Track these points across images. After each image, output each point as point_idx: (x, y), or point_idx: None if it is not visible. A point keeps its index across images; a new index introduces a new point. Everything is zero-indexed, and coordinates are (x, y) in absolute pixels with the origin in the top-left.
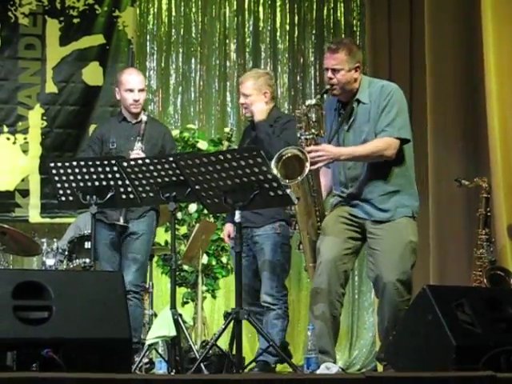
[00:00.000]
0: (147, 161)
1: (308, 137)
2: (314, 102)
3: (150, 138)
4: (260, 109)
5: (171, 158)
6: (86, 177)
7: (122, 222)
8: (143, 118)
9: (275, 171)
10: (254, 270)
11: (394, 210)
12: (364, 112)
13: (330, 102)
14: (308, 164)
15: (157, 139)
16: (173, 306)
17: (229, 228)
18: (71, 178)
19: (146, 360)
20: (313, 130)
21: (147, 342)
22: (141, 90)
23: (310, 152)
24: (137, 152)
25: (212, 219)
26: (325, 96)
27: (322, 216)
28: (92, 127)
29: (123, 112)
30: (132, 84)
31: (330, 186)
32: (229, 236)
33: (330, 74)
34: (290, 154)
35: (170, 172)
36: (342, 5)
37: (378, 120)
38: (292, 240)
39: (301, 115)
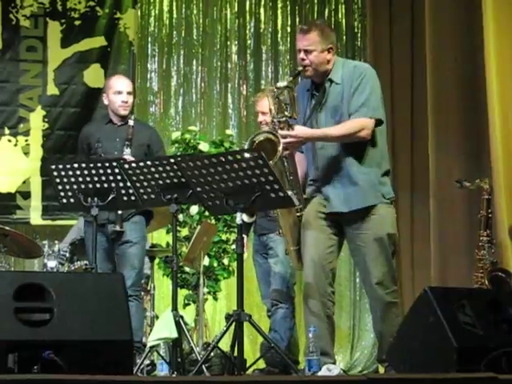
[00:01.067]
0: (148, 163)
1: (281, 119)
2: (285, 83)
3: (135, 140)
4: None
5: (172, 160)
6: (88, 179)
7: (118, 228)
8: (130, 122)
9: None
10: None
11: (367, 193)
12: (337, 92)
13: (304, 84)
14: (281, 147)
15: (142, 140)
16: (174, 308)
17: None
18: (72, 180)
19: (147, 362)
20: (286, 113)
21: (149, 344)
22: (129, 93)
23: (283, 136)
24: (127, 158)
25: (213, 221)
26: (298, 79)
27: (300, 199)
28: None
29: (110, 115)
30: (121, 86)
31: (306, 169)
32: None
33: (302, 54)
34: (262, 138)
35: (172, 174)
36: (344, 6)
37: (351, 100)
38: None
39: (272, 98)
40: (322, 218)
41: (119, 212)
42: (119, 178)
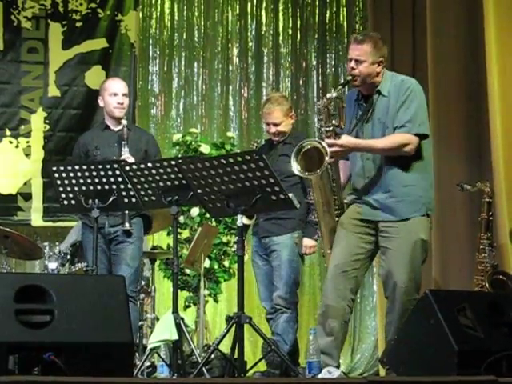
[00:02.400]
0: (149, 165)
1: (328, 129)
2: (335, 94)
3: (132, 144)
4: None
5: (173, 162)
6: (88, 181)
7: (127, 226)
8: (123, 122)
9: (295, 163)
10: (270, 280)
11: (405, 207)
12: (383, 104)
13: (351, 94)
14: (327, 157)
15: (140, 145)
16: (175, 310)
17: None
18: (73, 181)
19: (147, 364)
20: (333, 122)
21: (149, 346)
22: (124, 95)
23: (329, 145)
24: (127, 156)
25: (214, 223)
26: (346, 88)
27: (340, 205)
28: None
29: (106, 120)
30: (116, 88)
31: (348, 175)
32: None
33: (352, 64)
34: (309, 146)
35: (173, 176)
36: (345, 9)
37: (396, 114)
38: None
39: (321, 107)
40: (356, 225)
41: (126, 212)
42: (120, 179)
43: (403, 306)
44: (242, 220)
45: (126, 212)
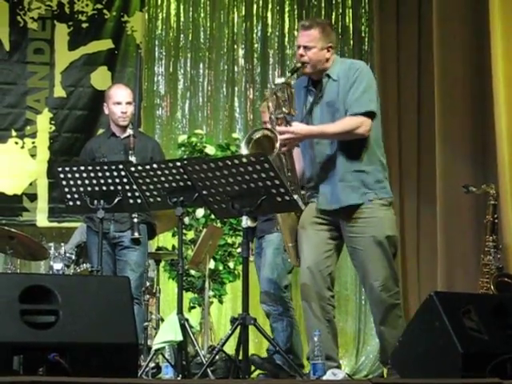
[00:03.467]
0: (155, 166)
1: (279, 116)
2: (283, 80)
3: (138, 153)
4: None
5: (179, 163)
6: (94, 181)
7: (137, 234)
8: (129, 131)
9: (246, 152)
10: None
11: (360, 191)
12: (333, 88)
13: (300, 81)
14: (278, 144)
15: (145, 153)
16: (179, 311)
17: None
18: (79, 182)
19: (152, 365)
20: (283, 109)
21: (154, 347)
22: (128, 103)
23: (281, 133)
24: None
25: (219, 224)
26: (295, 76)
27: (298, 195)
28: (100, 132)
29: (112, 127)
30: (120, 97)
31: (302, 169)
32: None
33: (301, 51)
34: (259, 135)
35: (178, 177)
36: (351, 11)
37: (346, 96)
38: None
39: (270, 94)
40: (318, 223)
41: (135, 220)
42: (125, 180)
43: (385, 304)
44: (247, 221)
45: (135, 221)
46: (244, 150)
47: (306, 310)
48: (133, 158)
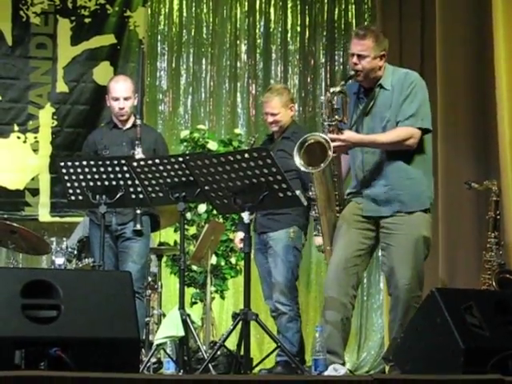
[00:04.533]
0: (157, 161)
1: (331, 123)
2: (338, 89)
3: (142, 143)
4: (287, 123)
5: (181, 159)
6: (96, 176)
7: (138, 226)
8: (137, 122)
9: (297, 157)
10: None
11: (408, 200)
12: (385, 98)
13: (351, 87)
14: (331, 152)
15: (149, 144)
16: (181, 307)
17: (241, 236)
18: (81, 177)
19: (154, 360)
20: (336, 117)
21: (155, 342)
22: (126, 98)
23: (332, 140)
24: (140, 156)
25: (221, 220)
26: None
27: (341, 200)
28: (102, 124)
29: (113, 119)
30: (117, 92)
31: (348, 169)
32: (240, 243)
33: (355, 59)
34: (312, 141)
35: (180, 172)
36: (354, 7)
37: (400, 108)
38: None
39: (325, 102)
40: (357, 221)
41: (138, 211)
42: (127, 175)
43: (406, 304)
44: (248, 217)
45: (138, 212)
46: (296, 155)
47: (326, 303)
48: (139, 149)
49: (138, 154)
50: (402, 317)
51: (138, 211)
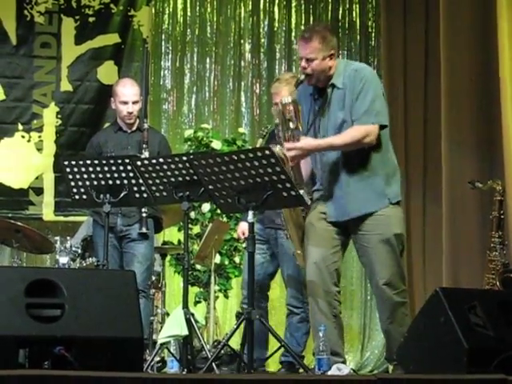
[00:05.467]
0: (161, 160)
1: (286, 133)
2: (290, 99)
3: (148, 147)
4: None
5: (185, 158)
6: (100, 175)
7: (144, 229)
8: (145, 125)
9: None
10: (266, 268)
11: (373, 199)
12: (338, 97)
13: (305, 88)
14: (290, 164)
15: (153, 146)
16: (185, 306)
17: (243, 227)
18: (85, 176)
19: (157, 359)
20: (290, 125)
21: (159, 341)
22: (135, 102)
23: (288, 149)
24: None
25: (225, 219)
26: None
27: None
28: (106, 125)
29: (118, 122)
30: (126, 97)
31: (311, 168)
32: (243, 234)
33: (303, 63)
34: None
35: (184, 171)
36: (358, 6)
37: (353, 106)
38: None
39: (277, 114)
40: (325, 219)
41: (143, 215)
42: (131, 175)
43: (392, 300)
44: (252, 216)
45: (144, 215)
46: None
47: (312, 306)
48: (146, 153)
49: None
50: (390, 314)
51: (144, 214)
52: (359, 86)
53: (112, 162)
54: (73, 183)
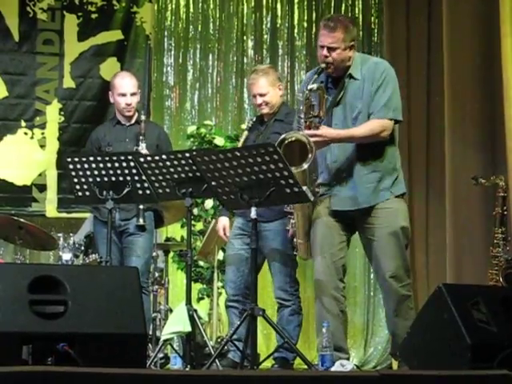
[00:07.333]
0: (164, 157)
1: (308, 120)
2: (316, 86)
3: (145, 139)
4: (277, 104)
5: (188, 154)
6: (103, 172)
7: (141, 221)
8: (141, 117)
9: None
10: (242, 264)
11: (379, 191)
12: (356, 88)
13: (311, 75)
14: (313, 151)
15: (152, 140)
16: (188, 302)
17: (224, 222)
18: (88, 173)
19: (161, 355)
20: (312, 113)
21: (162, 338)
22: (133, 94)
23: (310, 136)
24: (145, 152)
25: None
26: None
27: (315, 194)
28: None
29: (117, 115)
30: (124, 88)
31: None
32: (224, 230)
33: (325, 51)
34: (293, 139)
35: (187, 168)
36: (361, 2)
37: (372, 98)
38: None
39: (303, 99)
40: (332, 215)
41: (140, 207)
42: (134, 171)
43: (398, 293)
44: (255, 213)
45: (141, 207)
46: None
47: (318, 301)
48: (143, 145)
49: (142, 149)
50: (396, 307)
51: (141, 206)
52: (380, 80)
53: (115, 158)
54: (76, 180)
